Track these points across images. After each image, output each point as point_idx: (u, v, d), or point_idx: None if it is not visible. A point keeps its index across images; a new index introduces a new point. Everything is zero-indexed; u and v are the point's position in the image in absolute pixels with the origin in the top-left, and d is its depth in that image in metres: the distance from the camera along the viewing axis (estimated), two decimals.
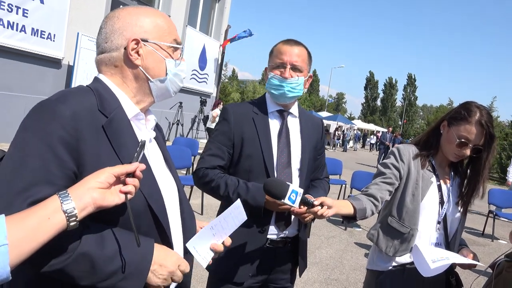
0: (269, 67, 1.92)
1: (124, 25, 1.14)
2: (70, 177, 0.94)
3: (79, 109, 0.99)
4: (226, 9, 15.27)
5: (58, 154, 0.93)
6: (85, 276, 0.93)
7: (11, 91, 7.83)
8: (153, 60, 1.16)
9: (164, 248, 1.09)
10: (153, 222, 1.09)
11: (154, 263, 1.02)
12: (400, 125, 66.09)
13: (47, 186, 0.90)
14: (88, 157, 0.97)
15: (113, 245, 0.97)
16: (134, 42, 1.12)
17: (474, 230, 7.83)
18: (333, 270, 4.65)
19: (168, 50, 1.18)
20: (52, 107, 0.96)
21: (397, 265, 1.94)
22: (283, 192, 1.53)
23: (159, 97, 1.22)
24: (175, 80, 1.21)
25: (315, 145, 2.02)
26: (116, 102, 1.11)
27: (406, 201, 1.91)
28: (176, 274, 1.07)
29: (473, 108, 1.83)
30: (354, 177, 7.10)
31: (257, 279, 1.87)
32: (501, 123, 31.22)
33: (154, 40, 1.15)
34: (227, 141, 1.87)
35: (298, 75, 1.85)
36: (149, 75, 1.16)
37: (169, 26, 1.20)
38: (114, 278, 0.96)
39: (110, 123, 1.05)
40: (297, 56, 1.85)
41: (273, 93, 1.88)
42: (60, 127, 0.94)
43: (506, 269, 1.80)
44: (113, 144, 1.03)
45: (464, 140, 1.82)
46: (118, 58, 1.14)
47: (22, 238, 0.79)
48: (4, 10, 7.38)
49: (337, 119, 35.07)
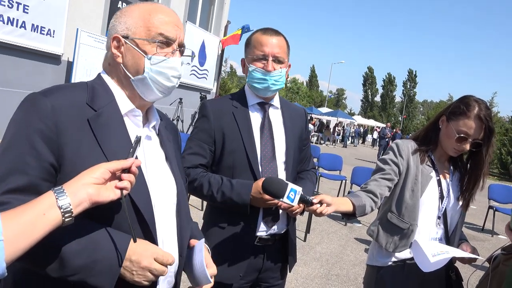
0: (248, 59, 1.83)
1: (114, 24, 1.15)
2: (46, 168, 0.96)
3: (61, 102, 1.00)
4: (226, 4, 15.20)
5: (34, 146, 0.95)
6: (54, 268, 0.93)
7: (10, 87, 7.82)
8: (132, 57, 1.12)
9: (143, 243, 1.03)
10: (136, 219, 1.06)
11: (125, 260, 0.99)
12: (400, 120, 66.00)
13: (21, 175, 0.92)
14: (68, 149, 0.98)
15: (84, 240, 0.95)
16: (116, 40, 1.12)
17: (474, 225, 7.85)
18: (333, 266, 4.66)
19: (149, 45, 1.11)
20: (34, 101, 0.99)
21: (397, 261, 1.94)
22: (282, 191, 1.50)
23: (145, 96, 1.15)
24: (157, 78, 1.12)
25: (299, 135, 1.96)
26: (110, 98, 1.11)
27: (406, 197, 1.91)
28: (154, 268, 1.00)
29: (471, 102, 1.82)
30: (354, 172, 7.10)
31: (247, 279, 1.82)
32: (501, 118, 31.18)
33: (134, 36, 1.11)
34: (207, 138, 1.80)
35: (281, 67, 1.79)
36: (129, 73, 1.13)
37: (159, 20, 1.12)
38: (82, 273, 0.94)
39: (97, 116, 1.05)
40: (278, 48, 1.77)
41: (256, 87, 1.79)
42: (39, 120, 0.96)
43: (503, 262, 1.80)
44: (97, 137, 1.03)
45: (463, 135, 1.81)
46: (110, 57, 1.16)
47: (18, 234, 0.79)
48: (5, 6, 7.35)
49: (337, 114, 35.04)
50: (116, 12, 1.18)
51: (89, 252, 0.95)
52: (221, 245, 1.79)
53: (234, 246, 1.78)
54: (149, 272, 1.01)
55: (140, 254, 1.00)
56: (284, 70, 1.82)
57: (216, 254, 1.79)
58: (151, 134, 1.22)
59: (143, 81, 1.13)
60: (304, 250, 4.96)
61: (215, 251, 1.80)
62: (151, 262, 1.01)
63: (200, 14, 14.24)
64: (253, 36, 1.84)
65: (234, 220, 1.78)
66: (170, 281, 1.21)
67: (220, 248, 1.78)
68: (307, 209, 1.56)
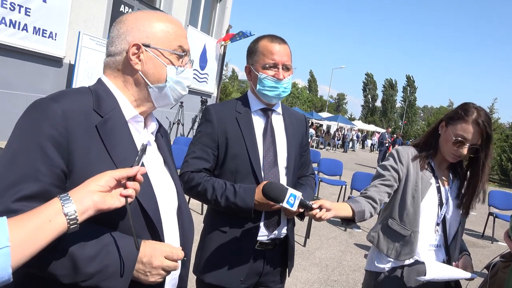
0: (255, 66, 1.83)
1: (128, 29, 1.15)
2: (57, 174, 0.96)
3: (71, 108, 1.00)
4: (228, 9, 15.26)
5: (46, 152, 0.94)
6: (67, 274, 0.93)
7: (12, 89, 7.84)
8: (154, 66, 1.15)
9: (151, 243, 1.06)
10: (145, 223, 1.09)
11: (137, 262, 1.01)
12: (401, 126, 66.04)
13: (33, 182, 0.92)
14: (77, 155, 0.98)
15: (96, 245, 0.96)
16: (135, 47, 1.13)
17: (474, 232, 7.82)
18: (333, 271, 4.65)
19: (170, 56, 1.16)
20: (44, 106, 0.98)
21: (396, 266, 1.94)
22: (282, 196, 1.51)
23: (158, 103, 1.21)
24: (176, 87, 1.19)
25: (300, 141, 1.98)
26: (114, 104, 1.12)
27: (407, 204, 1.91)
28: (166, 265, 1.04)
29: (470, 108, 1.83)
30: (354, 178, 7.10)
31: (247, 283, 1.82)
32: (501, 125, 31.19)
33: (156, 45, 1.14)
34: (211, 142, 1.81)
35: (289, 74, 1.83)
36: (148, 80, 1.15)
37: (176, 32, 1.18)
38: (96, 278, 0.95)
39: (104, 123, 1.06)
40: (287, 56, 1.81)
41: (267, 94, 1.81)
42: (50, 126, 0.95)
43: (501, 270, 1.81)
44: (105, 143, 1.04)
45: (460, 139, 1.81)
46: (121, 62, 1.15)
47: (24, 240, 0.79)
48: (7, 8, 7.38)
49: (338, 119, 35.07)
50: (127, 17, 1.18)
51: (102, 258, 0.96)
52: (222, 249, 1.79)
53: (235, 250, 1.78)
54: (162, 270, 1.04)
55: (150, 255, 1.03)
56: (291, 76, 1.86)
57: (217, 258, 1.80)
58: (151, 139, 1.24)
59: (162, 89, 1.17)
60: (304, 255, 4.95)
61: (216, 255, 1.81)
62: (162, 260, 1.04)
63: (201, 18, 14.30)
64: (259, 44, 1.84)
65: (235, 224, 1.79)
66: (174, 284, 1.23)
67: (221, 252, 1.79)
68: (306, 213, 1.57)
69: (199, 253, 1.87)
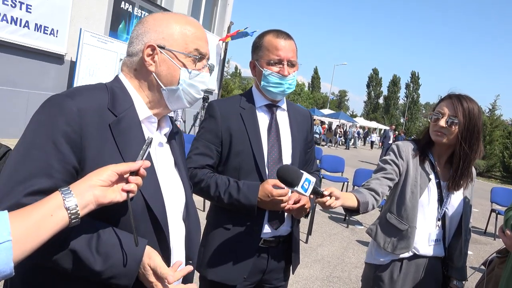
0: (260, 61, 1.81)
1: (146, 30, 1.15)
2: (69, 171, 0.96)
3: (86, 106, 1.00)
4: (229, 6, 15.22)
5: (60, 148, 0.94)
6: (76, 269, 0.94)
7: (14, 86, 7.85)
8: (167, 68, 1.14)
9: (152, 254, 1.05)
10: (151, 224, 1.08)
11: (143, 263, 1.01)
12: (402, 123, 65.92)
13: (46, 178, 0.92)
14: (90, 153, 0.98)
15: (103, 244, 0.96)
16: (150, 48, 1.12)
17: (477, 229, 7.82)
18: (335, 268, 4.65)
19: (185, 59, 1.15)
20: (60, 102, 0.98)
21: (395, 259, 1.97)
22: (297, 180, 1.47)
23: (172, 106, 1.19)
24: (189, 90, 1.18)
25: (305, 138, 1.96)
26: (129, 103, 1.12)
27: (406, 199, 1.93)
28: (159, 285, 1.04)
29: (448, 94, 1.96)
30: (356, 174, 7.10)
31: (251, 281, 1.81)
32: (504, 121, 31.06)
33: (171, 47, 1.13)
34: (214, 138, 1.79)
35: (294, 70, 1.81)
36: (161, 82, 1.15)
37: (194, 35, 1.17)
38: (102, 275, 0.96)
39: (118, 122, 1.06)
40: (292, 52, 1.79)
41: (271, 91, 1.79)
42: (65, 122, 0.96)
43: (498, 266, 1.83)
44: (117, 143, 1.04)
45: (436, 113, 1.91)
46: (137, 63, 1.15)
47: (25, 234, 0.79)
48: (8, 5, 7.38)
49: (340, 116, 35.01)
50: (147, 18, 1.17)
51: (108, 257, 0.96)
52: (225, 246, 1.78)
53: (239, 247, 1.77)
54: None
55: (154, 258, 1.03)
56: (296, 73, 1.83)
57: (220, 255, 1.79)
58: (163, 140, 1.23)
59: (175, 91, 1.16)
60: (306, 252, 4.95)
61: (219, 252, 1.80)
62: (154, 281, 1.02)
63: (203, 15, 14.27)
64: (264, 39, 1.81)
65: (238, 222, 1.78)
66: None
67: (224, 250, 1.78)
68: (317, 200, 1.55)
69: (202, 250, 1.85)
